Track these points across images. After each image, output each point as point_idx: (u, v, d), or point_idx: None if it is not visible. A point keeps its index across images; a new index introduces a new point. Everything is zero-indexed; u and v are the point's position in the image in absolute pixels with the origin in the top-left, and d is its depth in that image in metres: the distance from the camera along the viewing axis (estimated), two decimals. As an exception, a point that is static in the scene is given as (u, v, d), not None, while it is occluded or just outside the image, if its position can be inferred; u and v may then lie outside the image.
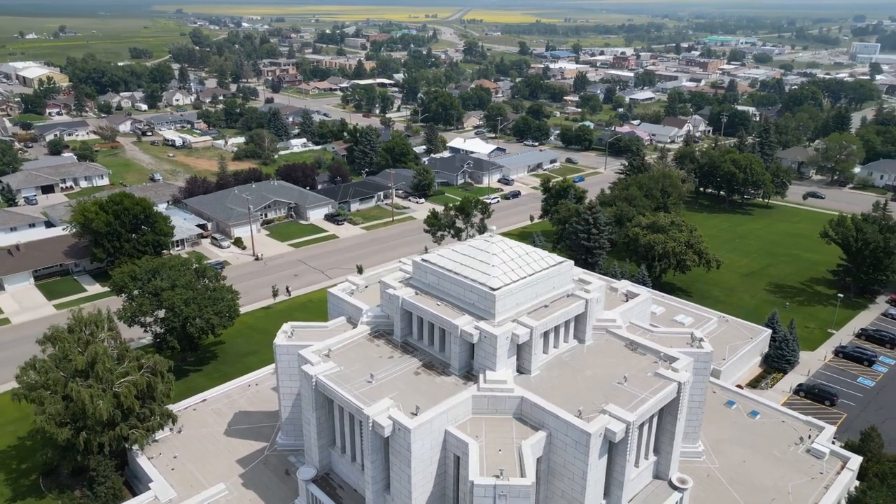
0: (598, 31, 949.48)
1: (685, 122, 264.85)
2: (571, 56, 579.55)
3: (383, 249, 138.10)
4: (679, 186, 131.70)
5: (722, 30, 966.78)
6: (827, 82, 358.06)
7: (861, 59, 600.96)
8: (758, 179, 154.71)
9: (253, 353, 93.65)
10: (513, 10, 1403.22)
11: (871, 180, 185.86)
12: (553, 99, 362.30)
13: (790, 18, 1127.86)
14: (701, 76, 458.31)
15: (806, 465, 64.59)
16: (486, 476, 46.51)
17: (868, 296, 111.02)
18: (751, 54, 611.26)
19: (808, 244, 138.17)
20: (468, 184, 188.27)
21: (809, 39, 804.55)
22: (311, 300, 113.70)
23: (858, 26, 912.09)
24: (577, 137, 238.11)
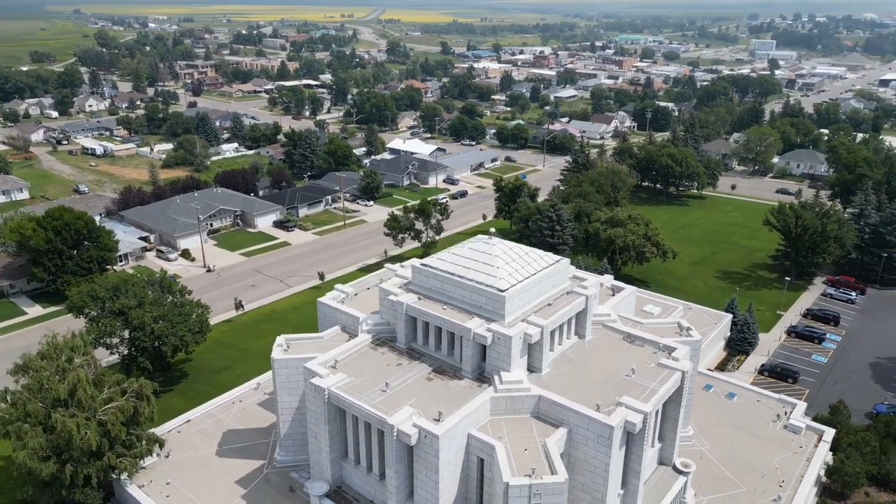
0: (515, 31, 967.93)
1: (612, 118, 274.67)
2: (493, 55, 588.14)
3: (340, 255, 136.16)
4: (627, 182, 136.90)
5: (630, 29, 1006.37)
6: (735, 78, 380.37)
7: (759, 56, 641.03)
8: (693, 172, 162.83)
9: (225, 368, 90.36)
10: (428, 9, 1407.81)
11: (789, 169, 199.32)
12: (481, 98, 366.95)
13: (691, 18, 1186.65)
14: (618, 73, 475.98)
15: (786, 441, 68.91)
16: (518, 476, 47.07)
17: (806, 278, 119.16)
18: (660, 52, 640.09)
19: (745, 232, 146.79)
20: (414, 185, 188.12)
21: (711, 37, 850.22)
22: (274, 310, 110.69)
23: (753, 24, 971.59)
24: (513, 136, 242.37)
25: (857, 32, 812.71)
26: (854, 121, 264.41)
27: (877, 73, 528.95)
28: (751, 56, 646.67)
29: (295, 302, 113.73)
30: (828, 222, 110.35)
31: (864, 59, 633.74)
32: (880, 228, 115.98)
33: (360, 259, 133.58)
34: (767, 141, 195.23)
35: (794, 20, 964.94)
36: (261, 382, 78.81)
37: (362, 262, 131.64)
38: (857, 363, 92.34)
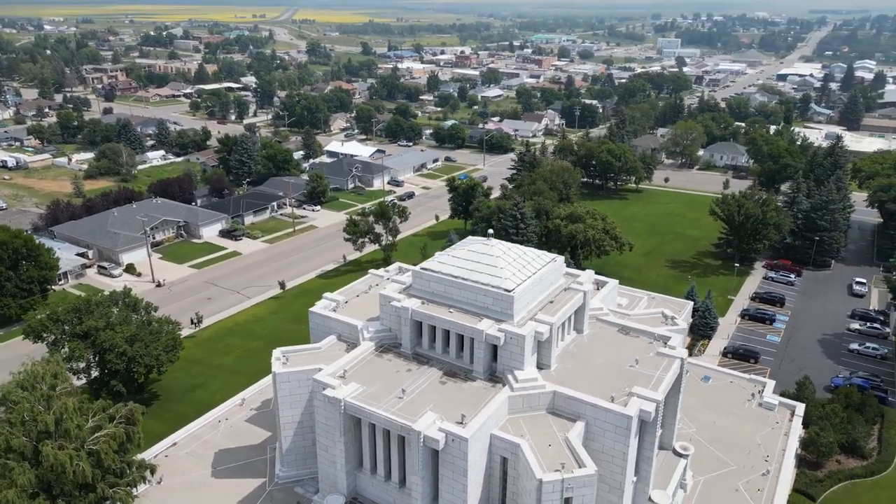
0: (432, 31, 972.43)
1: (542, 116, 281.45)
2: (415, 55, 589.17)
3: (294, 262, 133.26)
4: (577, 178, 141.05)
5: (543, 28, 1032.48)
6: (650, 76, 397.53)
7: (667, 54, 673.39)
8: (631, 166, 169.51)
9: (199, 386, 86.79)
10: (342, 9, 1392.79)
11: (714, 161, 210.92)
12: (409, 99, 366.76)
13: (599, 17, 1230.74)
14: (539, 72, 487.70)
15: (763, 418, 73.29)
16: (548, 472, 48.04)
17: (747, 263, 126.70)
18: (575, 51, 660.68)
19: (685, 222, 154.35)
20: (359, 188, 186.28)
21: (620, 37, 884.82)
22: (237, 323, 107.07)
23: (657, 24, 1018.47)
24: (450, 136, 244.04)
25: (751, 30, 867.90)
26: (763, 113, 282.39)
27: (773, 68, 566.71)
28: (659, 54, 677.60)
29: (257, 313, 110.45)
30: (767, 210, 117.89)
31: (761, 55, 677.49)
32: (811, 214, 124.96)
33: (317, 266, 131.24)
34: (692, 135, 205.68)
35: (694, 19, 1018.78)
36: (245, 398, 76.30)
37: (320, 269, 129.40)
38: (806, 340, 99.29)
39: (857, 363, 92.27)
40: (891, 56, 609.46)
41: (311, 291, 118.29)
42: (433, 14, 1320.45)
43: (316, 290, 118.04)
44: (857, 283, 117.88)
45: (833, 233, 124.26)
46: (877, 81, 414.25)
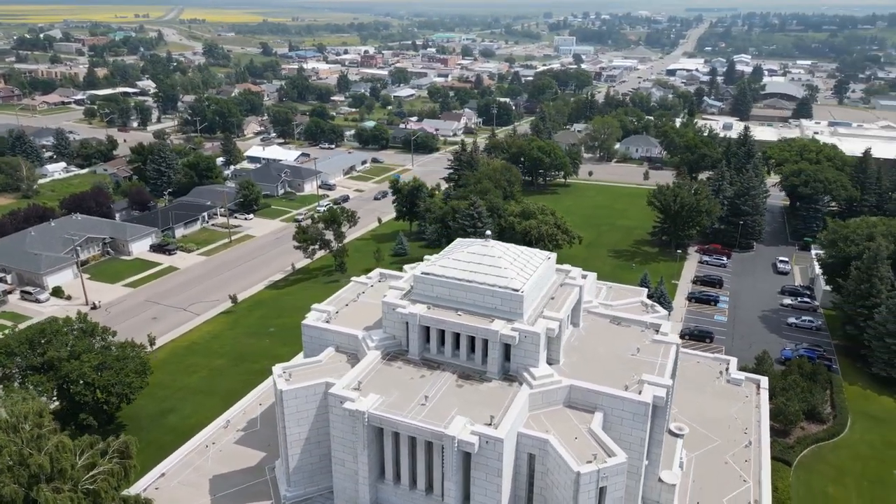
0: (330, 30, 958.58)
1: (461, 115, 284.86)
2: (318, 56, 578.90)
3: (238, 274, 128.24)
4: (519, 176, 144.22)
5: (442, 27, 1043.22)
6: (555, 73, 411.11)
7: (563, 51, 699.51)
8: (560, 162, 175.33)
9: (169, 410, 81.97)
10: (231, 8, 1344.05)
11: (630, 154, 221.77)
12: (321, 100, 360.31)
13: (494, 16, 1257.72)
14: (446, 71, 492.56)
15: (733, 393, 78.48)
16: (581, 464, 49.49)
17: (682, 249, 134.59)
18: (477, 50, 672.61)
19: (615, 213, 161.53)
20: (290, 193, 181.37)
21: (517, 35, 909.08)
22: (193, 342, 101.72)
23: (551, 22, 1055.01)
24: (373, 137, 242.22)
25: (637, 28, 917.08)
26: (664, 107, 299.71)
27: (661, 64, 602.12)
28: (556, 52, 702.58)
29: (212, 330, 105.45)
30: (700, 198, 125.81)
31: (649, 51, 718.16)
32: (735, 200, 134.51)
33: (264, 276, 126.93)
34: (609, 130, 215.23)
35: (584, 18, 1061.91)
36: (230, 420, 72.92)
37: (268, 280, 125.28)
38: (748, 318, 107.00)
39: (796, 336, 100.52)
40: (763, 51, 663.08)
41: (264, 303, 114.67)
42: (329, 13, 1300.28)
43: (269, 302, 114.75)
44: (780, 262, 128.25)
45: (755, 217, 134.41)
46: (755, 74, 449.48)
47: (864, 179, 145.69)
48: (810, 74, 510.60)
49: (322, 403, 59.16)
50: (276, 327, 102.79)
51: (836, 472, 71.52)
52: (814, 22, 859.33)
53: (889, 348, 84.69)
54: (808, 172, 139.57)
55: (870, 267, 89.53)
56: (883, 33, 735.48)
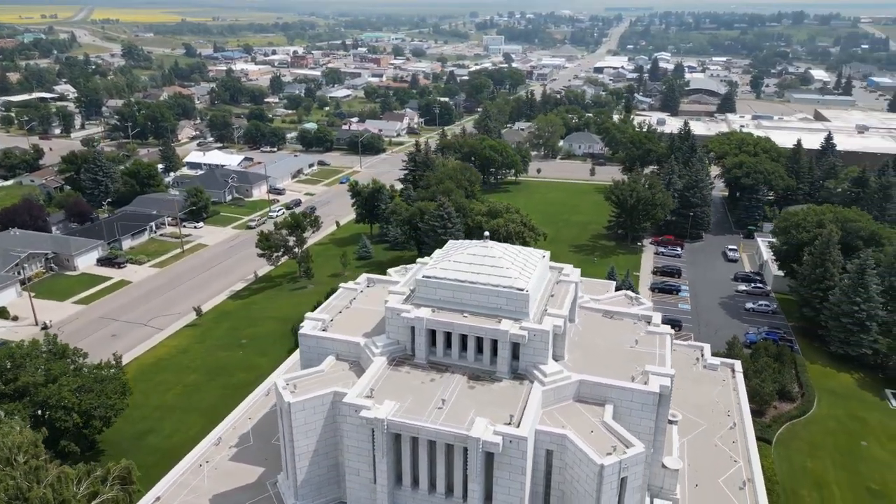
0: (254, 30, 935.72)
1: (403, 115, 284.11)
2: (246, 56, 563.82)
3: (197, 285, 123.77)
4: (478, 176, 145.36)
5: (369, 27, 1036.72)
6: (490, 72, 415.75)
7: (492, 50, 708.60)
8: (511, 160, 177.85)
9: (148, 431, 78.34)
10: (144, 8, 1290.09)
11: (573, 150, 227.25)
12: (254, 102, 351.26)
13: (420, 15, 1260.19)
14: (380, 71, 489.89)
15: (711, 378, 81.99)
16: (602, 456, 50.70)
17: (638, 242, 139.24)
18: (408, 49, 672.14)
19: (567, 209, 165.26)
20: (238, 199, 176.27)
21: (445, 34, 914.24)
22: (160, 358, 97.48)
23: (477, 21, 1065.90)
24: (317, 139, 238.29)
25: (562, 27, 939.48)
26: (598, 104, 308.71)
27: (587, 62, 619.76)
28: (486, 51, 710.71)
29: (179, 345, 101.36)
30: (655, 192, 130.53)
31: (575, 50, 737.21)
32: (685, 193, 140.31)
33: (224, 286, 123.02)
34: (553, 127, 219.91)
35: (509, 17, 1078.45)
36: (221, 437, 70.38)
37: (229, 290, 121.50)
38: (709, 305, 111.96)
39: (755, 320, 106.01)
40: (681, 48, 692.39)
41: (231, 314, 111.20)
42: (251, 13, 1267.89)
43: (235, 313, 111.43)
44: (729, 250, 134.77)
45: (704, 208, 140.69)
46: (677, 71, 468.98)
47: (798, 169, 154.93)
48: (727, 70, 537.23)
49: (330, 413, 58.10)
50: (247, 338, 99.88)
51: (810, 447, 76.01)
52: (725, 20, 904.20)
53: (845, 327, 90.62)
54: (749, 164, 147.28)
55: (823, 252, 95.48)
56: (788, 30, 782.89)
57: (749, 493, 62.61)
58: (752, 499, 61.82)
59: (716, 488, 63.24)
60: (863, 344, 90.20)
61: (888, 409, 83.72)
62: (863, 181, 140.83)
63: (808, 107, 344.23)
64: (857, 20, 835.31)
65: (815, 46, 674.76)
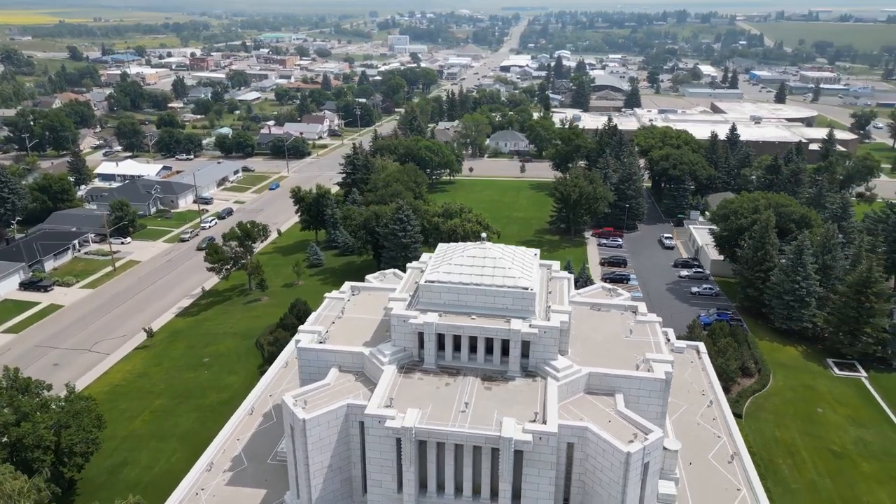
0: (142, 31, 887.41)
1: (322, 117, 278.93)
2: (139, 59, 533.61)
3: (140, 304, 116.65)
4: (425, 177, 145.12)
5: (267, 27, 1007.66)
6: (403, 72, 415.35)
7: (398, 50, 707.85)
8: (447, 160, 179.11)
9: (123, 464, 73.17)
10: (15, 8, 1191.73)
11: (500, 148, 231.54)
12: (157, 107, 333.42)
13: (319, 15, 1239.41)
14: (287, 72, 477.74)
15: (680, 360, 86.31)
16: (628, 445, 52.60)
17: (580, 235, 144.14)
18: (312, 50, 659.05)
19: (506, 206, 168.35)
20: (164, 211, 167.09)
21: (347, 34, 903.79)
22: (115, 385, 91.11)
23: (379, 21, 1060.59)
24: (237, 144, 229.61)
25: (463, 27, 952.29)
26: (513, 102, 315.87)
27: (493, 60, 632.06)
28: (391, 51, 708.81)
29: (133, 369, 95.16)
30: (597, 186, 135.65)
31: (479, 49, 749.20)
32: (620, 185, 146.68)
33: (170, 303, 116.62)
34: (479, 126, 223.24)
35: (410, 17, 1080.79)
36: (213, 462, 66.95)
37: (176, 306, 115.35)
38: (658, 291, 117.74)
39: (702, 303, 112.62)
40: (579, 46, 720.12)
41: (184, 333, 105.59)
42: (136, 13, 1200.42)
43: (189, 331, 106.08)
44: (665, 238, 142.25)
45: (638, 199, 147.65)
46: (579, 69, 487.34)
47: (716, 159, 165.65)
48: (624, 67, 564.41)
49: (343, 427, 56.90)
50: (210, 357, 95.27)
51: (775, 418, 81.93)
52: (616, 19, 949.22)
53: (787, 304, 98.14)
54: (675, 156, 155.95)
55: (762, 236, 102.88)
56: (674, 29, 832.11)
57: (738, 466, 66.75)
58: (741, 471, 65.96)
59: (707, 464, 66.71)
60: (804, 318, 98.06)
61: (832, 377, 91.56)
62: (775, 168, 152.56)
63: (704, 100, 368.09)
64: (734, 18, 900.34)
65: (699, 43, 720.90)
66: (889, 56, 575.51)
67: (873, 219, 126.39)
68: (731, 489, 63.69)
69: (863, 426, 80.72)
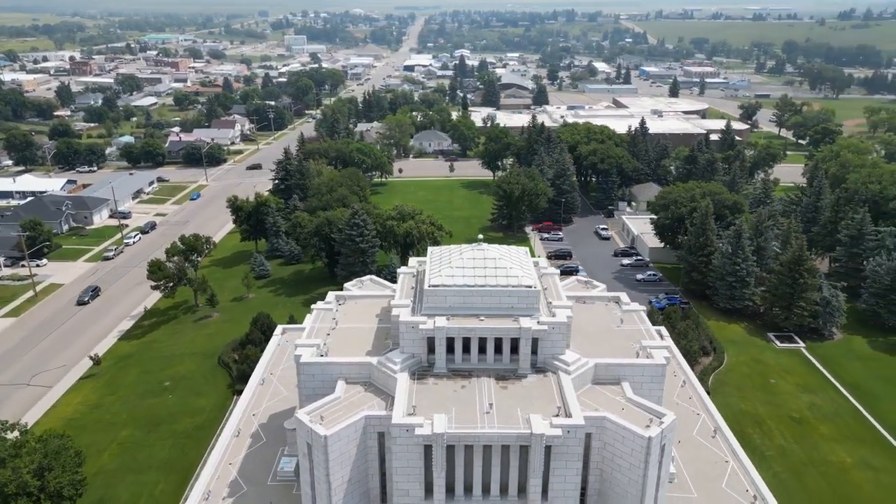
0: (7, 34, 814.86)
1: (234, 122, 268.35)
2: (11, 64, 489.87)
3: (74, 330, 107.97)
4: (366, 181, 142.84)
5: (148, 27, 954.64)
6: (310, 73, 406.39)
7: (296, 51, 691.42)
8: (379, 162, 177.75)
9: (101, 501, 67.58)
10: None
11: (423, 148, 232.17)
12: (42, 116, 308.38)
13: (205, 15, 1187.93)
14: (182, 76, 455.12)
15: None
16: (647, 430, 54.93)
17: (521, 231, 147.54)
18: (204, 51, 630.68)
19: (446, 206, 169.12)
20: (78, 228, 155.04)
21: (239, 34, 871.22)
22: (68, 419, 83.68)
23: (272, 21, 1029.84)
24: (146, 154, 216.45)
25: (360, 26, 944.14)
26: (427, 102, 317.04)
27: (395, 60, 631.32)
28: (289, 51, 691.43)
29: (85, 400, 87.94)
30: (537, 183, 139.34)
31: (379, 48, 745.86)
32: (556, 181, 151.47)
33: (110, 327, 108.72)
34: (403, 127, 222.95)
35: (304, 16, 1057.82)
36: (210, 490, 63.39)
37: (118, 330, 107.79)
38: (605, 280, 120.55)
39: (649, 289, 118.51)
40: (477, 45, 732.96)
41: (134, 357, 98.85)
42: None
43: (139, 355, 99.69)
44: (601, 230, 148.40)
45: (572, 193, 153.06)
46: (482, 68, 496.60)
47: (637, 153, 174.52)
48: (523, 65, 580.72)
49: (362, 439, 55.82)
50: (170, 381, 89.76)
51: (737, 391, 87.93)
52: (509, 18, 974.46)
53: (730, 285, 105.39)
54: (602, 151, 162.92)
55: (703, 223, 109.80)
56: (565, 27, 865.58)
57: (721, 440, 71.25)
58: (724, 444, 70.42)
59: (694, 441, 70.62)
60: (745, 297, 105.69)
61: (776, 350, 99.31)
62: (693, 159, 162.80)
63: (604, 96, 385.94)
64: (618, 17, 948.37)
65: (589, 41, 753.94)
66: (759, 50, 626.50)
67: (787, 201, 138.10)
68: (719, 462, 67.86)
69: (812, 392, 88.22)
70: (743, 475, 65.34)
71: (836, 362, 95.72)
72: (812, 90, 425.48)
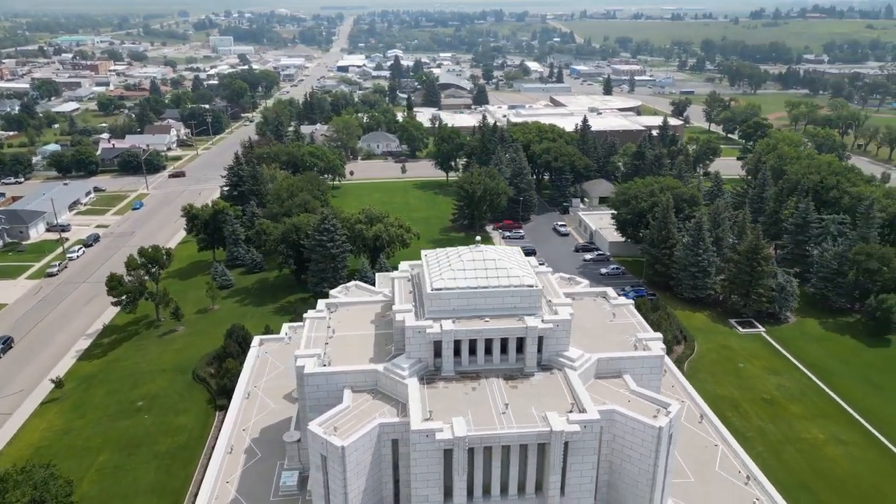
0: None
1: (169, 127, 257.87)
2: None
3: (26, 352, 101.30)
4: (326, 184, 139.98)
5: (60, 29, 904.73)
6: (244, 75, 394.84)
7: (223, 52, 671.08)
8: (332, 165, 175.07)
9: (90, 534, 63.98)
10: None
11: (372, 150, 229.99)
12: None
13: (120, 15, 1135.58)
14: (104, 79, 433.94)
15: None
16: (654, 420, 56.55)
17: (483, 230, 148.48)
18: (125, 53, 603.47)
19: (403, 208, 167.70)
20: (13, 244, 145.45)
21: (160, 35, 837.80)
22: (35, 446, 78.38)
23: (194, 21, 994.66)
24: (77, 163, 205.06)
25: (287, 26, 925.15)
26: (368, 103, 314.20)
27: (327, 60, 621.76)
28: (215, 52, 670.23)
29: (51, 426, 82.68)
30: (498, 182, 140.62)
31: (309, 49, 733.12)
32: (514, 180, 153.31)
33: (65, 347, 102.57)
34: (350, 129, 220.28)
35: (227, 16, 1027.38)
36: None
37: (75, 349, 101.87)
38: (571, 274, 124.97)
39: (613, 282, 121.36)
40: (409, 45, 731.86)
41: (99, 377, 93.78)
42: None
43: (103, 375, 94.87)
44: (559, 226, 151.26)
45: (530, 192, 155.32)
46: (416, 68, 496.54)
47: (586, 150, 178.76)
48: (457, 65, 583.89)
49: (377, 447, 55.09)
50: (143, 399, 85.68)
51: (710, 376, 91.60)
52: (438, 18, 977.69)
53: (693, 275, 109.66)
54: (555, 149, 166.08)
55: (664, 216, 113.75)
56: (494, 27, 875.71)
57: (707, 425, 74.18)
58: (712, 429, 73.36)
59: (683, 427, 73.07)
60: (707, 286, 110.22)
61: (739, 335, 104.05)
62: (640, 155, 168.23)
63: (540, 95, 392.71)
64: (545, 17, 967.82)
65: (519, 41, 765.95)
66: (679, 49, 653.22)
67: (734, 193, 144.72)
68: (709, 446, 70.72)
69: (778, 374, 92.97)
70: (733, 457, 68.32)
71: (795, 344, 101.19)
72: (732, 86, 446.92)
